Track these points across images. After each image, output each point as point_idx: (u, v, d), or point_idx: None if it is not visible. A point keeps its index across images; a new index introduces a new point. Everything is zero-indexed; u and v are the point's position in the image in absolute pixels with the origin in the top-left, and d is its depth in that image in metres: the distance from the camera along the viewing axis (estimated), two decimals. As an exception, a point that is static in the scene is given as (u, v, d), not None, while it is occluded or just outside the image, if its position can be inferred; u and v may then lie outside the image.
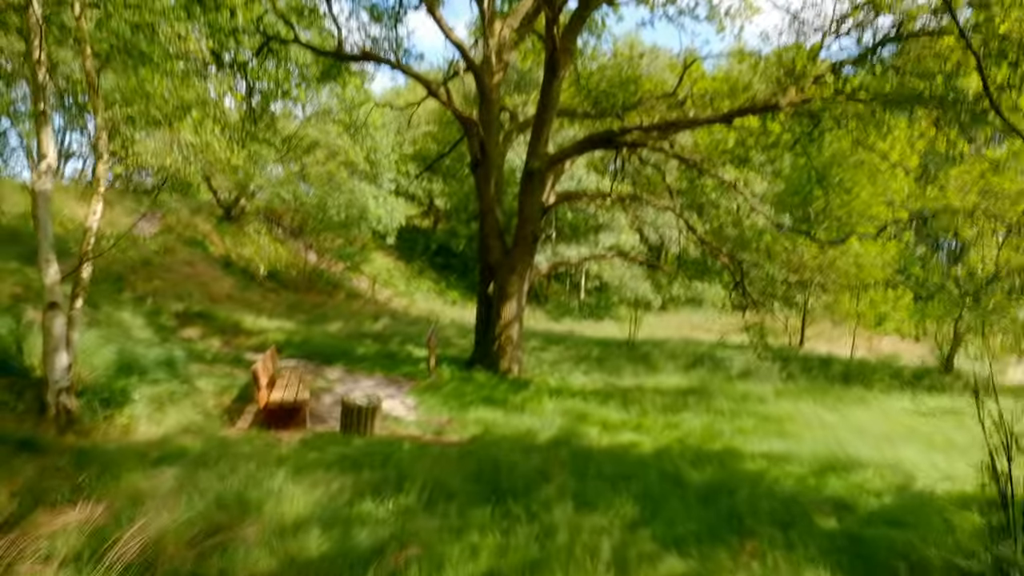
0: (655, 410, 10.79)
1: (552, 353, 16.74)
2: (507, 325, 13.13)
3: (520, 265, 13.13)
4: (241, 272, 23.40)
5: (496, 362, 13.16)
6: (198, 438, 7.26)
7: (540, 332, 21.72)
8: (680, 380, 13.97)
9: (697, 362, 16.20)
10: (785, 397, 12.14)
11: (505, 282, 13.15)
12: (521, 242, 13.09)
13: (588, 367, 15.12)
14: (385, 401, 10.83)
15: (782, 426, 9.82)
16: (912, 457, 8.21)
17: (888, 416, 10.56)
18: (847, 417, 10.46)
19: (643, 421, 9.84)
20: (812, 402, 11.60)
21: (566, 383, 12.93)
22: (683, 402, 11.51)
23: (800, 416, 10.51)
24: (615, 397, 11.73)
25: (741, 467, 7.52)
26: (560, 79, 12.04)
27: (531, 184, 12.78)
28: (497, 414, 9.91)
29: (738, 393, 12.55)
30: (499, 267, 13.28)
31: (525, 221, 13.00)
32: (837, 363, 16.23)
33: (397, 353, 15.47)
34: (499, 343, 13.15)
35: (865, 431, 9.57)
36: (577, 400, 11.21)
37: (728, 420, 10.12)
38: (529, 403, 10.76)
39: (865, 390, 12.81)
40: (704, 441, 8.79)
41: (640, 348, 18.23)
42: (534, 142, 12.66)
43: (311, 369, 13.09)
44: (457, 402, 10.72)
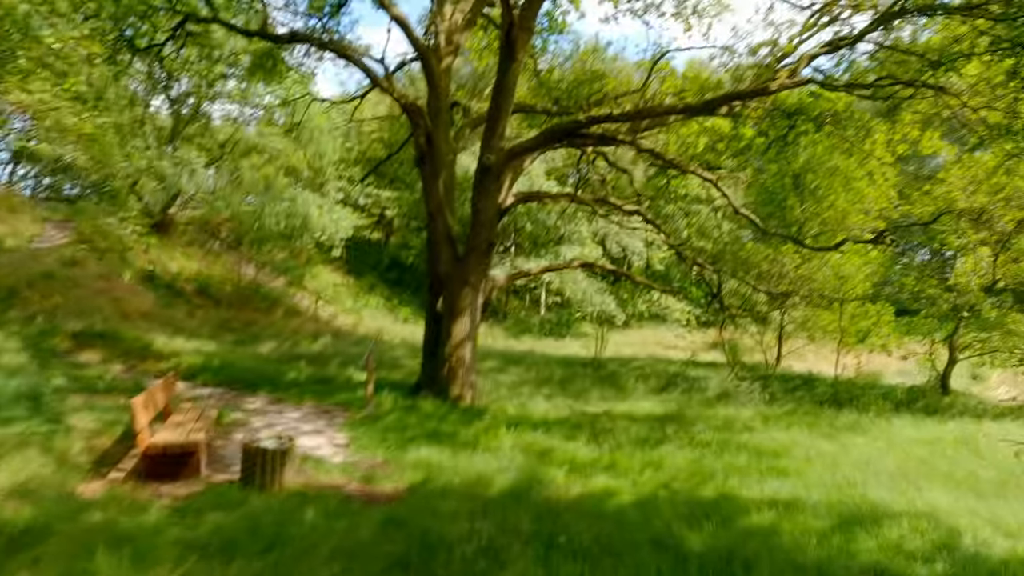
0: (630, 443, 9.28)
1: (511, 375, 15.16)
2: (458, 345, 11.50)
3: (474, 276, 11.56)
4: (166, 288, 21.20)
5: (446, 388, 11.51)
6: (36, 501, 5.44)
7: (498, 351, 20.14)
8: (654, 405, 12.55)
9: (669, 383, 14.84)
10: (774, 424, 10.81)
11: (456, 296, 11.55)
12: (475, 250, 11.53)
13: (551, 391, 13.58)
14: (309, 438, 9.09)
15: (779, 461, 8.42)
16: (941, 501, 6.87)
17: (894, 446, 9.29)
18: (849, 448, 9.14)
19: (617, 459, 8.31)
20: (806, 430, 10.28)
21: (526, 411, 11.35)
22: (661, 432, 10.04)
23: (796, 448, 9.16)
24: (583, 427, 10.19)
25: (747, 523, 6.04)
26: (519, 62, 10.60)
27: (486, 182, 11.26)
28: (443, 453, 8.25)
29: (720, 419, 11.16)
30: (450, 279, 11.68)
31: (479, 225, 11.46)
32: (821, 383, 15.09)
33: (335, 378, 13.68)
34: (449, 366, 11.51)
35: (874, 465, 8.25)
36: (539, 433, 9.63)
37: (716, 455, 8.68)
38: (483, 438, 9.13)
39: (859, 414, 11.60)
40: (694, 485, 7.30)
41: (606, 368, 16.80)
42: (489, 134, 11.17)
43: (228, 399, 11.24)
44: (397, 438, 9.03)
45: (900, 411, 12.04)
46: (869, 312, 15.89)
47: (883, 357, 18.36)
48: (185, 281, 22.57)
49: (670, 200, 19.22)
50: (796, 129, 15.01)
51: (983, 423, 10.98)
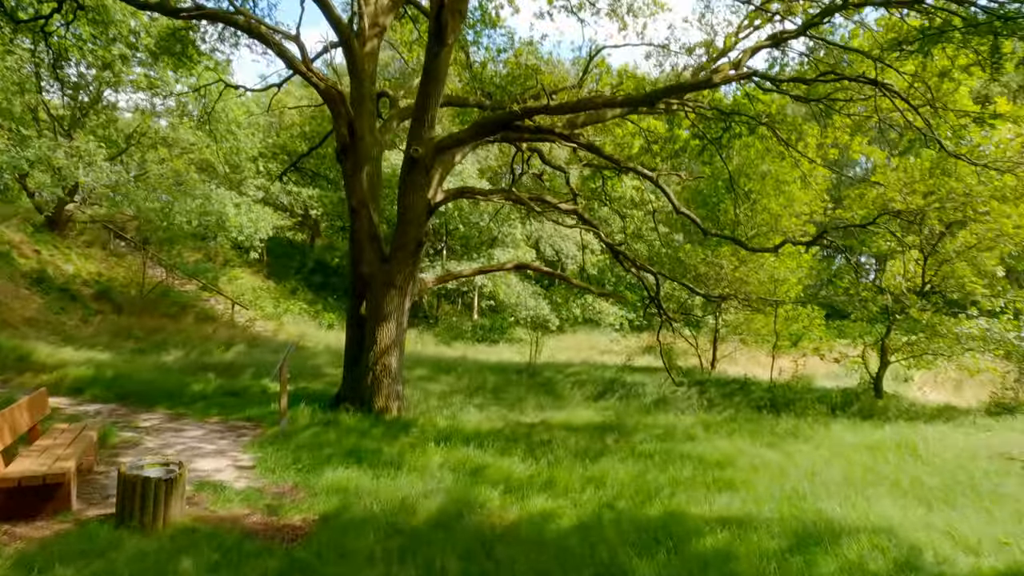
0: (569, 456, 8.69)
1: (441, 384, 14.36)
2: (383, 352, 10.64)
3: (400, 278, 10.72)
4: (59, 291, 19.26)
5: (369, 399, 10.62)
6: None
7: (428, 358, 19.26)
8: (592, 413, 12.05)
9: (606, 390, 14.41)
10: (715, 432, 10.47)
11: (381, 299, 10.68)
12: (401, 249, 10.70)
13: (484, 400, 12.88)
14: (210, 460, 8.05)
15: (725, 472, 8.01)
16: (893, 513, 6.58)
17: (838, 453, 9.08)
18: (793, 457, 8.86)
19: (557, 475, 7.69)
20: (748, 438, 9.97)
21: (458, 423, 10.60)
22: (600, 443, 9.51)
23: (741, 457, 8.80)
24: (518, 440, 9.54)
25: (700, 547, 5.52)
26: (448, 47, 9.87)
27: (413, 176, 10.47)
28: (364, 475, 7.41)
29: (661, 428, 10.75)
30: (374, 280, 10.81)
31: (407, 223, 10.64)
32: (756, 387, 15.02)
33: (247, 390, 12.54)
34: (373, 375, 10.63)
35: (821, 475, 7.96)
36: (472, 447, 8.91)
37: (660, 467, 8.20)
38: (409, 455, 8.33)
39: (797, 419, 11.45)
40: (640, 503, 6.76)
41: (542, 374, 16.24)
42: (417, 125, 10.38)
43: (118, 416, 9.99)
44: (312, 457, 8.10)
45: (837, 415, 11.99)
46: (801, 315, 16.02)
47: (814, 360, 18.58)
48: (82, 284, 20.61)
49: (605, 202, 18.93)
50: (730, 131, 14.97)
51: (918, 426, 11.00)
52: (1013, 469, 8.37)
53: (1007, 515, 6.66)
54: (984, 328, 12.10)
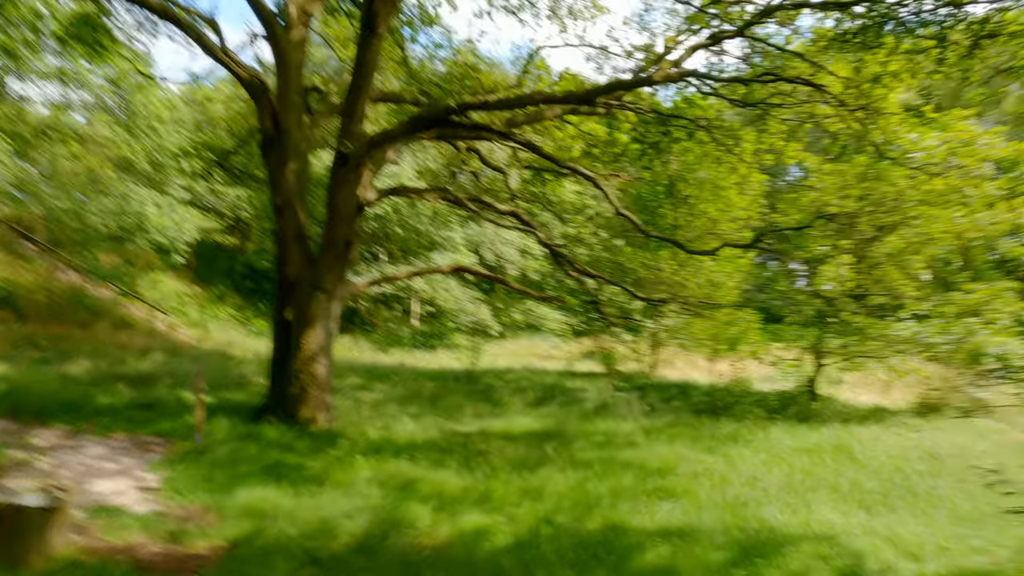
0: (506, 467, 8.31)
1: (375, 392, 13.76)
2: (310, 359, 10.01)
3: (329, 280, 10.14)
4: (-48, 297, 17.64)
5: (295, 410, 9.97)
6: None
7: (364, 366, 18.56)
8: (531, 421, 11.70)
9: (547, 396, 14.12)
10: (656, 438, 10.30)
11: (308, 303, 10.06)
12: (330, 249, 10.13)
13: (420, 409, 12.36)
14: (110, 481, 7.30)
15: (666, 481, 7.79)
16: (834, 519, 6.48)
17: (777, 457, 9.03)
18: (734, 462, 8.74)
19: (492, 488, 7.30)
20: (689, 443, 9.83)
21: (390, 434, 10.08)
22: (540, 453, 9.17)
23: (682, 463, 8.62)
24: (454, 451, 9.10)
25: (641, 562, 5.23)
26: (380, 37, 9.41)
27: (344, 173, 9.92)
28: (283, 493, 6.84)
29: (601, 435, 10.51)
30: (300, 282, 10.17)
31: (336, 222, 10.08)
32: (696, 391, 15.01)
33: (161, 402, 11.63)
34: (299, 384, 9.99)
35: (762, 480, 7.85)
36: (403, 460, 8.43)
37: (600, 477, 7.91)
38: (335, 470, 7.79)
39: (737, 423, 11.40)
40: (579, 516, 6.43)
41: (481, 381, 15.82)
42: (347, 119, 9.86)
43: (9, 433, 9.01)
44: (227, 476, 7.45)
45: (775, 418, 12.03)
46: (739, 319, 16.18)
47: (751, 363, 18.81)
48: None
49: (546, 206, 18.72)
50: (670, 136, 14.99)
51: (852, 428, 11.14)
52: (945, 469, 8.48)
53: (944, 517, 6.67)
54: (915, 331, 12.45)
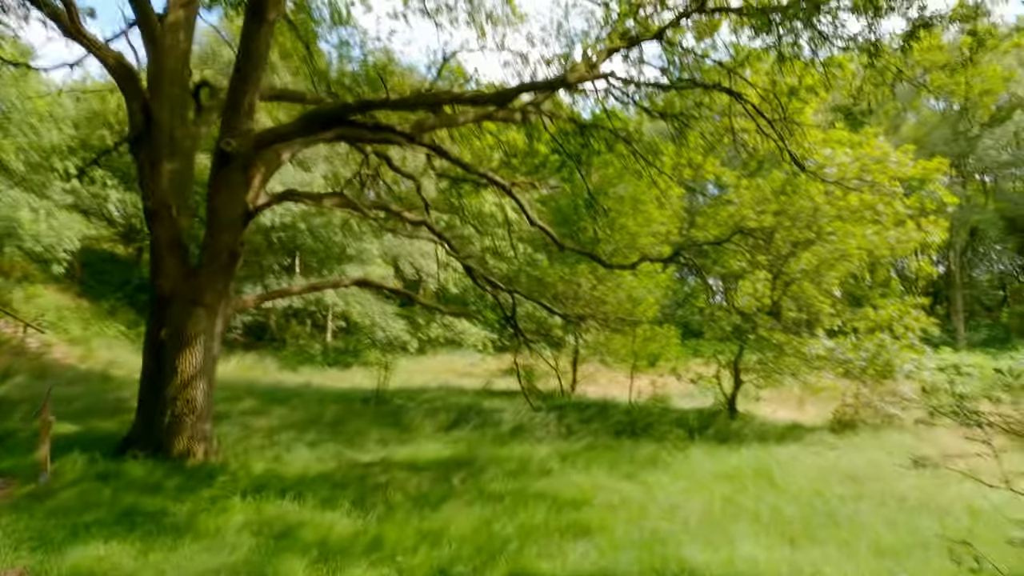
0: (406, 504, 7.47)
1: (272, 417, 12.56)
2: (186, 384, 8.85)
3: (210, 295, 9.02)
4: None
5: (167, 442, 8.77)
6: None
7: (263, 388, 17.21)
8: (441, 447, 10.89)
9: (461, 418, 13.32)
10: (572, 463, 9.69)
11: (184, 320, 8.91)
12: (212, 260, 9.03)
13: (318, 435, 11.31)
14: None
15: (581, 515, 7.15)
16: (758, 554, 6.01)
17: (697, 483, 8.58)
18: (652, 490, 8.22)
19: (386, 531, 6.45)
20: (606, 469, 9.27)
21: (280, 467, 9.03)
22: (445, 486, 8.37)
23: (599, 493, 8.02)
24: (350, 485, 8.17)
25: (547, 623, 4.51)
26: (270, 24, 8.48)
27: (227, 174, 8.86)
28: (130, 548, 5.75)
29: (515, 461, 9.81)
30: (176, 297, 9.02)
31: (218, 229, 8.99)
32: (615, 410, 14.58)
33: (12, 434, 10.10)
34: (172, 413, 8.80)
35: (682, 510, 7.34)
36: (289, 499, 7.42)
37: (509, 512, 7.19)
38: (202, 517, 6.71)
39: (657, 445, 10.99)
40: (483, 563, 5.68)
41: (391, 403, 14.85)
42: (231, 113, 8.84)
43: None
44: (67, 527, 6.26)
45: (695, 439, 11.72)
46: (659, 335, 15.98)
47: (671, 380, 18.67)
48: None
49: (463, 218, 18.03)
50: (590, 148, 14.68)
51: (771, 448, 10.93)
52: (864, 492, 8.26)
53: (866, 548, 6.32)
54: (830, 347, 12.49)
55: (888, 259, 13.45)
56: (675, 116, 12.79)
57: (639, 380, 17.02)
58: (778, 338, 12.96)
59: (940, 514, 7.18)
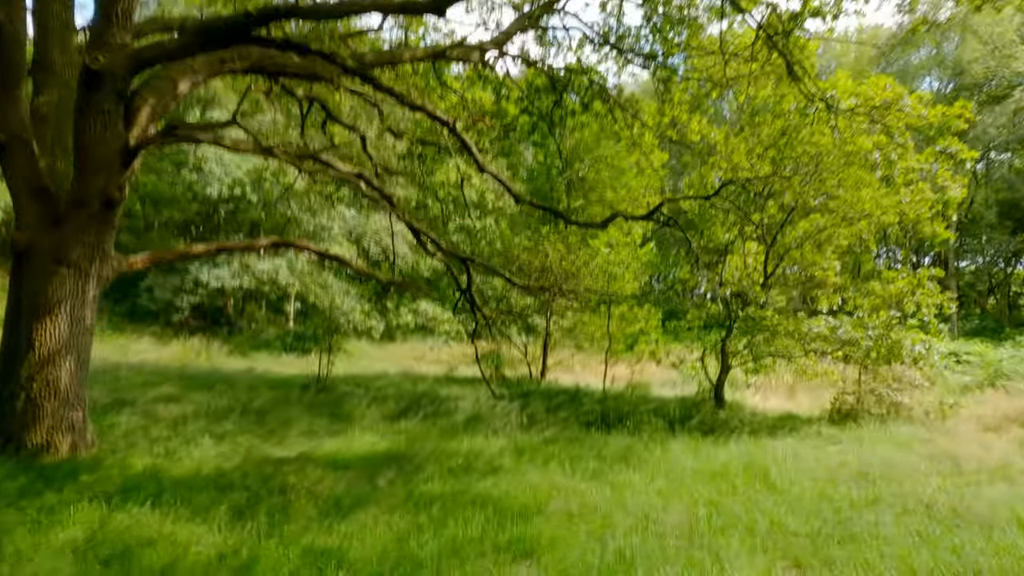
0: (306, 513, 5.88)
1: (188, 404, 10.88)
2: (47, 362, 7.16)
3: (78, 251, 7.34)
4: None
5: (19, 434, 7.08)
6: None
7: (197, 372, 15.51)
8: (377, 439, 9.31)
9: (411, 406, 11.74)
10: (529, 459, 8.15)
11: (45, 281, 7.22)
12: (79, 208, 7.33)
13: (236, 426, 9.68)
14: None
15: (528, 527, 5.60)
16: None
17: (676, 484, 7.06)
18: (622, 494, 6.69)
19: (264, 552, 4.88)
20: (568, 466, 7.72)
21: (167, 464, 7.39)
22: (367, 487, 6.79)
23: (555, 498, 6.47)
24: (242, 488, 6.55)
25: None
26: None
27: (99, 100, 7.15)
28: None
29: (462, 456, 8.24)
30: (36, 254, 7.32)
31: (88, 170, 7.29)
32: (587, 398, 13.04)
33: None
34: (27, 397, 7.11)
35: (657, 522, 5.81)
36: (153, 506, 5.79)
37: (437, 524, 5.63)
38: (21, 533, 5.10)
39: (631, 437, 9.49)
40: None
41: (336, 390, 13.22)
42: (102, 23, 7.14)
43: None
44: None
45: (676, 431, 10.24)
46: (638, 316, 14.49)
47: (650, 367, 17.18)
48: None
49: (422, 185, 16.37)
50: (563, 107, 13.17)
51: (764, 441, 9.45)
52: (880, 496, 6.78)
53: (898, 574, 4.83)
54: (833, 326, 11.04)
55: (896, 225, 12.00)
56: (659, 62, 11.34)
57: (616, 367, 15.50)
58: (770, 317, 11.49)
59: (982, 527, 5.72)
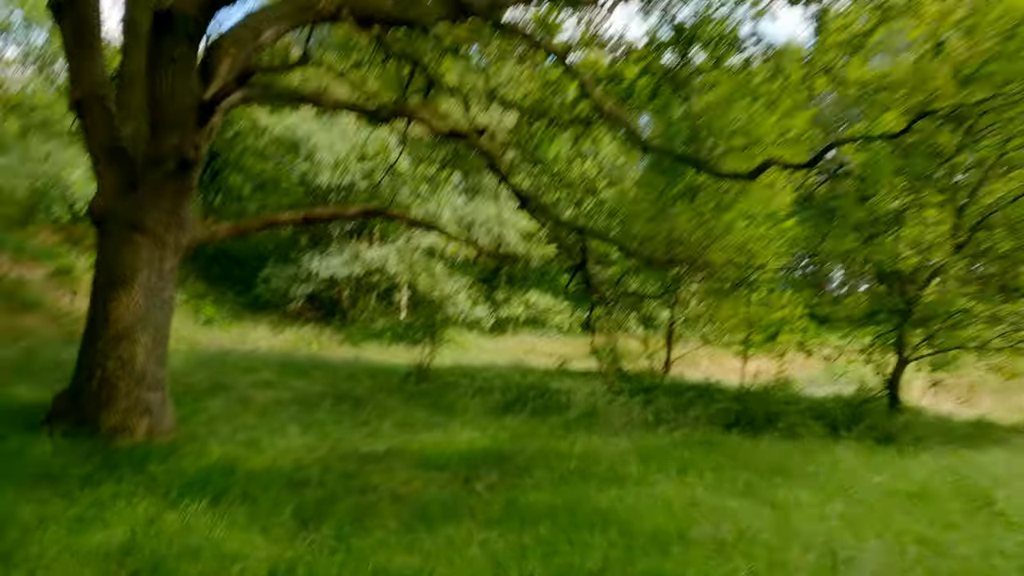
0: (384, 523, 4.81)
1: (283, 390, 10.32)
2: (121, 337, 6.59)
3: (153, 217, 6.72)
4: None
5: (94, 414, 6.54)
6: None
7: (304, 360, 15.22)
8: (479, 435, 8.19)
9: (519, 399, 10.60)
10: (658, 466, 6.67)
11: (119, 250, 6.67)
12: (154, 169, 6.70)
13: (327, 414, 8.92)
14: None
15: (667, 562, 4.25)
16: None
17: (864, 508, 5.39)
18: (789, 517, 5.11)
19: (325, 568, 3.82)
20: (710, 478, 6.18)
21: (246, 453, 6.63)
22: (461, 493, 5.64)
23: (699, 520, 5.02)
24: (315, 484, 5.60)
25: None
26: None
27: (170, 47, 6.47)
28: None
29: (574, 459, 6.92)
30: (110, 220, 6.77)
31: (163, 126, 6.65)
32: (721, 395, 11.30)
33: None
34: (103, 374, 6.56)
35: (851, 567, 4.20)
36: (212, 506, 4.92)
37: (546, 547, 4.37)
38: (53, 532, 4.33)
39: (788, 442, 7.79)
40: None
41: (439, 380, 12.31)
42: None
43: None
44: None
45: (840, 436, 8.39)
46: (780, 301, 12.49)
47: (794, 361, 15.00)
48: None
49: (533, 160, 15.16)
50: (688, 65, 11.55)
51: (965, 454, 7.43)
52: None
53: None
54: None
55: None
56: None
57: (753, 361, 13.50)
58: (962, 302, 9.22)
59: None
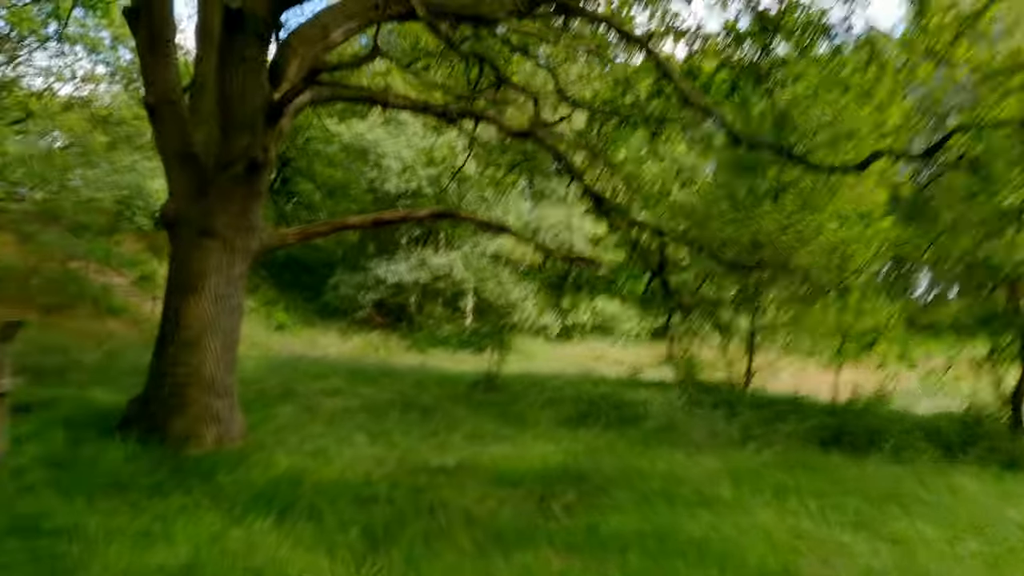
0: (455, 546, 4.44)
1: (352, 398, 10.18)
2: (192, 344, 6.51)
3: (224, 220, 6.62)
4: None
5: (164, 422, 6.46)
6: None
7: (372, 366, 15.16)
8: (552, 448, 7.75)
9: (591, 410, 10.12)
10: (752, 488, 6.07)
11: (190, 255, 6.60)
12: (224, 171, 6.60)
13: (395, 423, 8.67)
14: None
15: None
16: None
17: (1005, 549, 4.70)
18: (915, 556, 4.48)
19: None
20: (814, 505, 5.53)
21: (314, 464, 6.40)
22: (535, 513, 5.23)
23: (805, 557, 4.46)
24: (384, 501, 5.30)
25: None
26: None
27: (240, 46, 6.37)
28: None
29: (657, 478, 6.39)
30: (182, 224, 6.72)
31: (232, 127, 6.56)
32: (812, 411, 10.48)
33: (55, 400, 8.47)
34: (173, 382, 6.49)
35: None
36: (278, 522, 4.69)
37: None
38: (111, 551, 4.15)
39: (896, 465, 7.02)
40: None
41: (508, 389, 11.95)
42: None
43: None
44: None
45: (955, 459, 7.54)
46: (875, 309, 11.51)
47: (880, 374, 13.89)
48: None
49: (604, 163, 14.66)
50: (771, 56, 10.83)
51: None
52: None
53: None
54: None
55: None
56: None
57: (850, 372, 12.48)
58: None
59: None
